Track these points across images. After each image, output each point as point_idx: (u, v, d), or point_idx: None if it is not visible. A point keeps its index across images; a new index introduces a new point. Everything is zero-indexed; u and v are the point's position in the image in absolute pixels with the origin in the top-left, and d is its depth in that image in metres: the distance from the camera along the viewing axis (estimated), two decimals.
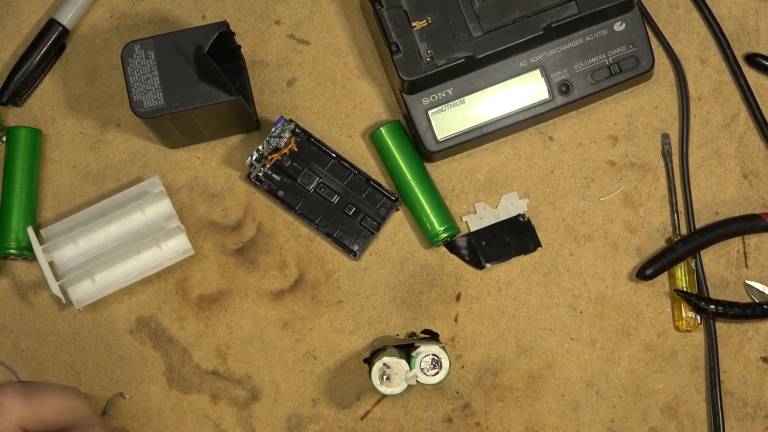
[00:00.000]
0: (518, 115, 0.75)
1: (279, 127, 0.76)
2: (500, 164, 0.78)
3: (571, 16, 0.72)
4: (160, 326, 0.76)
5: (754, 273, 0.77)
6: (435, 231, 0.75)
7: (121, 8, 0.79)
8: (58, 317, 0.76)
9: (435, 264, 0.77)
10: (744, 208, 0.77)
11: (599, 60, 0.75)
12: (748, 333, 0.76)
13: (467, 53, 0.72)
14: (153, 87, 0.70)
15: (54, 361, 0.76)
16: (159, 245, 0.75)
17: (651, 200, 0.77)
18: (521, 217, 0.77)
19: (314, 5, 0.79)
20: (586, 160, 0.78)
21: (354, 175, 0.76)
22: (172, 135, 0.75)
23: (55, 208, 0.77)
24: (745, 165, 0.78)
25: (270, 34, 0.79)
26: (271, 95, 0.78)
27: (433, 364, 0.70)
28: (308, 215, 0.76)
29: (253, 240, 0.77)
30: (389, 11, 0.72)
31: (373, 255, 0.77)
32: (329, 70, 0.78)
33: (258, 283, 0.76)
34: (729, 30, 0.78)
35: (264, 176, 0.76)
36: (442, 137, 0.74)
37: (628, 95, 0.78)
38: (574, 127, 0.78)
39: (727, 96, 0.78)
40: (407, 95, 0.74)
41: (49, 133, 0.78)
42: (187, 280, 0.76)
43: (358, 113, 0.78)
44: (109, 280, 0.75)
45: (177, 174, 0.78)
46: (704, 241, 0.75)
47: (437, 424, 0.75)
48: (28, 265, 0.77)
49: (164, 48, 0.71)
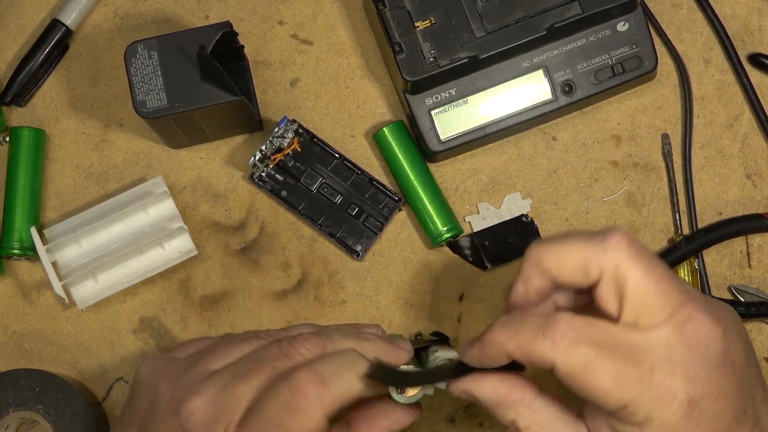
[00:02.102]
0: (521, 115, 0.75)
1: (282, 128, 0.76)
2: (503, 164, 0.78)
3: (574, 16, 0.72)
4: (163, 326, 0.76)
5: (757, 273, 0.76)
6: (438, 231, 0.75)
7: (124, 8, 0.79)
8: (61, 317, 0.77)
9: (438, 264, 0.77)
10: (747, 208, 0.77)
11: (602, 60, 0.75)
12: (752, 333, 0.76)
13: (470, 53, 0.72)
14: (156, 87, 0.70)
15: (57, 361, 0.76)
16: (162, 245, 0.75)
17: (654, 200, 0.77)
18: (524, 218, 0.77)
19: (317, 5, 0.79)
20: (589, 161, 0.77)
21: (357, 176, 0.76)
22: (175, 135, 0.75)
23: (58, 209, 0.78)
24: (748, 165, 0.78)
25: (273, 34, 0.79)
26: (274, 95, 0.78)
27: None
28: (311, 215, 0.76)
29: (256, 240, 0.77)
30: (392, 11, 0.72)
31: (376, 255, 0.77)
32: (332, 70, 0.78)
33: (261, 284, 0.76)
34: (732, 30, 0.78)
35: (267, 176, 0.76)
36: (445, 137, 0.74)
37: (631, 95, 0.78)
38: (578, 127, 0.78)
39: (731, 96, 0.78)
40: (410, 95, 0.74)
41: (52, 133, 0.78)
42: (190, 280, 0.77)
43: (361, 113, 0.78)
44: (112, 280, 0.75)
45: (180, 174, 0.78)
46: (707, 240, 0.75)
47: (440, 425, 0.75)
48: (31, 265, 0.77)
49: (167, 48, 0.71)
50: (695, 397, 0.54)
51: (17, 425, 0.74)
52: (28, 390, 0.73)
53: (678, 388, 0.54)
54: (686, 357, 0.55)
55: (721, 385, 0.55)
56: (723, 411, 0.55)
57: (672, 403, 0.54)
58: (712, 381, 0.55)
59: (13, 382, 0.73)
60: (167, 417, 0.60)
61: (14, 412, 0.72)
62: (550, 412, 0.58)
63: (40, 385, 0.73)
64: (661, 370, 0.54)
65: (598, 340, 0.55)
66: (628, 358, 0.54)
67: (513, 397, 0.58)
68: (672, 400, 0.54)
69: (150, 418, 0.61)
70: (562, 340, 0.55)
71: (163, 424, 0.60)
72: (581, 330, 0.55)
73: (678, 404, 0.54)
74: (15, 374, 0.73)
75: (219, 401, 0.59)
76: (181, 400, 0.60)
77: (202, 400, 0.59)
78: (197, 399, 0.59)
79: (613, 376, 0.54)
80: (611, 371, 0.54)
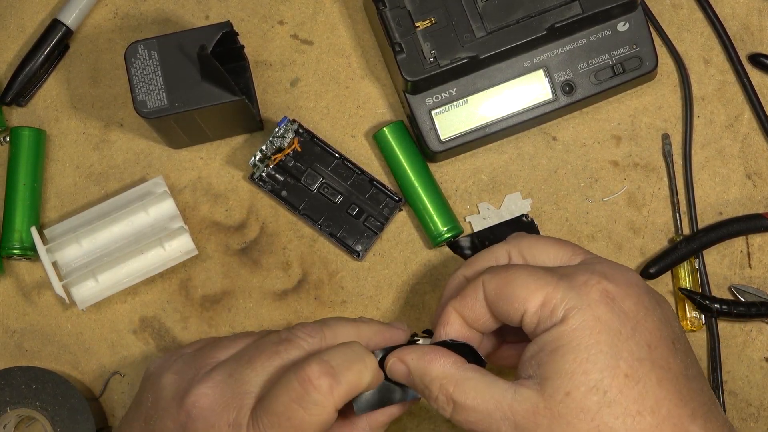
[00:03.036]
0: (521, 115, 0.75)
1: (282, 128, 0.76)
2: (503, 164, 0.78)
3: (575, 16, 0.72)
4: (163, 326, 0.76)
5: (758, 273, 0.76)
6: (438, 231, 0.75)
7: (124, 8, 0.79)
8: (62, 317, 0.77)
9: (438, 264, 0.77)
10: (747, 208, 0.77)
11: (603, 60, 0.75)
12: (752, 333, 0.76)
13: (470, 53, 0.72)
14: (156, 87, 0.70)
15: (58, 361, 0.76)
16: (162, 245, 0.75)
17: (654, 200, 0.77)
18: (524, 218, 0.77)
19: (317, 5, 0.79)
20: (590, 161, 0.77)
21: (357, 176, 0.76)
22: (176, 135, 0.75)
23: (58, 209, 0.78)
24: (748, 165, 0.78)
25: (273, 34, 0.79)
26: (275, 95, 0.78)
27: None
28: (311, 215, 0.76)
29: (256, 240, 0.77)
30: (392, 11, 0.72)
31: (376, 255, 0.77)
32: (333, 70, 0.78)
33: (261, 284, 0.76)
34: (732, 30, 0.78)
35: (267, 176, 0.76)
36: (445, 137, 0.74)
37: (631, 95, 0.78)
38: (578, 128, 0.78)
39: (731, 96, 0.78)
40: (410, 95, 0.74)
41: (53, 133, 0.78)
42: (191, 280, 0.77)
43: (362, 113, 0.78)
44: (112, 280, 0.75)
45: (180, 174, 0.78)
46: (707, 240, 0.75)
47: (440, 424, 0.75)
48: (32, 265, 0.77)
49: (168, 48, 0.71)
50: (612, 291, 0.57)
51: (16, 423, 0.74)
52: (25, 387, 0.73)
53: (594, 283, 0.57)
54: (599, 267, 0.59)
55: (635, 286, 0.59)
56: (639, 311, 0.57)
57: (590, 294, 0.56)
58: (626, 284, 0.58)
59: (9, 379, 0.73)
60: (172, 407, 0.60)
61: (12, 410, 0.72)
62: (478, 371, 0.60)
63: (37, 382, 0.73)
64: (576, 271, 0.58)
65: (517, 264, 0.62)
66: (544, 269, 0.60)
67: (440, 362, 0.60)
68: (589, 289, 0.57)
69: (155, 411, 0.62)
70: (489, 269, 0.61)
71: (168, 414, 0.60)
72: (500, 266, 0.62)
73: (597, 295, 0.56)
74: (12, 372, 0.73)
75: (226, 387, 0.59)
76: (186, 390, 0.60)
77: (208, 387, 0.60)
78: (203, 386, 0.60)
79: (531, 276, 0.58)
80: (530, 273, 0.58)
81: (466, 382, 0.58)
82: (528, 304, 0.58)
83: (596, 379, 0.55)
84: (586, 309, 0.56)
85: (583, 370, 0.55)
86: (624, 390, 0.55)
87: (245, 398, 0.59)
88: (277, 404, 0.58)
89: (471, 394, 0.58)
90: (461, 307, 0.62)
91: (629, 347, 0.56)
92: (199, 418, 0.59)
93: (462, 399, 0.58)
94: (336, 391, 0.58)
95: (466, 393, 0.58)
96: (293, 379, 0.58)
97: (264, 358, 0.61)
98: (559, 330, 0.56)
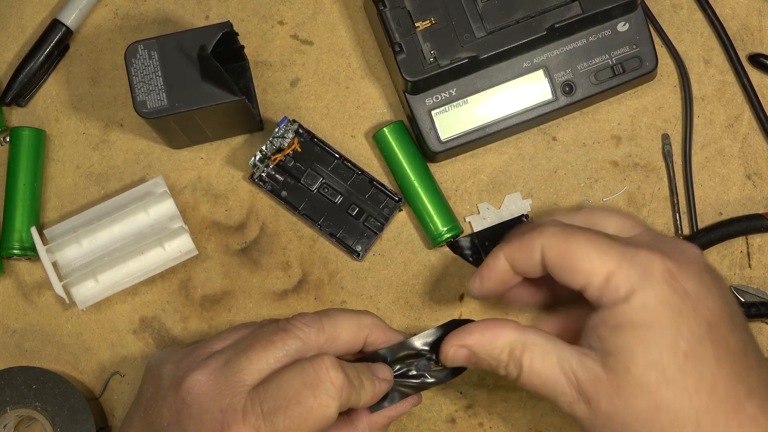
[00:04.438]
0: (521, 115, 0.75)
1: (282, 128, 0.76)
2: (503, 164, 0.78)
3: (575, 16, 0.72)
4: (163, 326, 0.76)
5: (757, 273, 0.76)
6: (438, 231, 0.75)
7: (124, 9, 0.79)
8: (62, 317, 0.77)
9: (438, 264, 0.77)
10: (747, 209, 0.77)
11: (602, 60, 0.75)
12: None
13: (471, 53, 0.72)
14: (156, 87, 0.70)
15: (58, 361, 0.76)
16: (162, 245, 0.75)
17: (654, 201, 0.77)
18: (525, 218, 0.77)
19: (318, 6, 0.79)
20: (590, 161, 0.78)
21: (357, 176, 0.76)
22: (176, 135, 0.75)
23: (58, 209, 0.78)
24: (748, 165, 0.78)
25: (273, 34, 0.79)
26: (275, 95, 0.78)
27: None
28: (311, 215, 0.76)
29: (256, 240, 0.77)
30: (392, 11, 0.72)
31: (376, 255, 0.77)
32: (333, 70, 0.78)
33: (261, 284, 0.76)
34: (732, 30, 0.78)
35: (267, 176, 0.76)
36: (445, 137, 0.74)
37: (631, 95, 0.78)
38: (578, 128, 0.78)
39: (731, 96, 0.78)
40: (410, 95, 0.74)
41: (53, 133, 0.78)
42: (191, 280, 0.77)
43: (362, 113, 0.78)
44: (112, 280, 0.75)
45: (180, 174, 0.78)
46: (707, 240, 0.75)
47: (441, 425, 0.75)
48: (32, 265, 0.77)
49: (168, 48, 0.71)
50: (674, 270, 0.57)
51: (16, 423, 0.74)
52: (25, 387, 0.73)
53: (657, 262, 0.57)
54: (661, 245, 0.60)
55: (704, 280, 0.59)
56: (701, 290, 0.58)
57: (653, 274, 0.57)
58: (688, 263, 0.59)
59: (9, 379, 0.73)
60: (169, 395, 0.61)
61: (12, 410, 0.72)
62: (542, 334, 0.61)
63: (37, 382, 0.73)
64: (639, 248, 0.58)
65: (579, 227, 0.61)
66: (609, 237, 0.60)
67: (504, 331, 0.61)
68: (653, 268, 0.57)
69: (153, 400, 0.63)
70: (549, 226, 0.61)
71: (165, 402, 0.61)
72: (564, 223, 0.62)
73: (659, 275, 0.57)
74: (12, 372, 0.73)
75: (221, 375, 0.60)
76: (182, 378, 0.61)
77: (203, 374, 0.61)
78: (198, 373, 0.61)
79: (595, 249, 0.58)
80: (594, 245, 0.58)
81: (533, 347, 0.60)
82: (592, 277, 0.58)
83: (656, 358, 0.56)
84: (648, 289, 0.57)
85: (643, 348, 0.56)
86: (682, 368, 0.56)
87: (239, 386, 0.60)
88: (288, 388, 0.59)
89: (539, 359, 0.59)
90: (512, 256, 0.63)
91: (689, 326, 0.56)
92: (194, 404, 0.60)
93: (530, 363, 0.60)
94: (345, 394, 0.60)
95: (534, 358, 0.59)
96: (308, 366, 0.60)
97: (260, 347, 0.61)
98: (622, 308, 0.57)
